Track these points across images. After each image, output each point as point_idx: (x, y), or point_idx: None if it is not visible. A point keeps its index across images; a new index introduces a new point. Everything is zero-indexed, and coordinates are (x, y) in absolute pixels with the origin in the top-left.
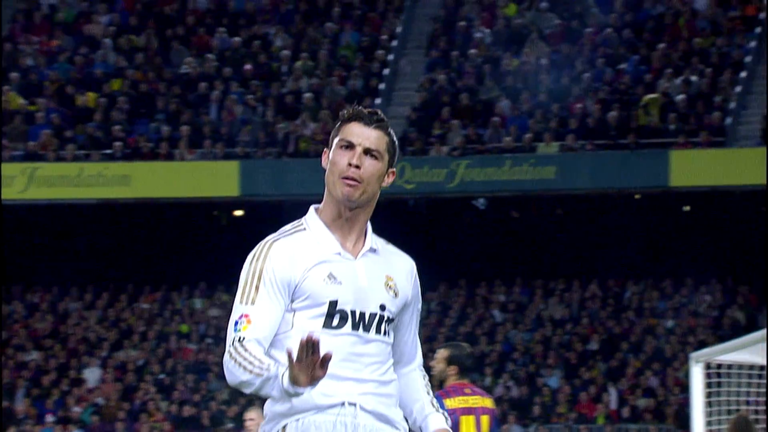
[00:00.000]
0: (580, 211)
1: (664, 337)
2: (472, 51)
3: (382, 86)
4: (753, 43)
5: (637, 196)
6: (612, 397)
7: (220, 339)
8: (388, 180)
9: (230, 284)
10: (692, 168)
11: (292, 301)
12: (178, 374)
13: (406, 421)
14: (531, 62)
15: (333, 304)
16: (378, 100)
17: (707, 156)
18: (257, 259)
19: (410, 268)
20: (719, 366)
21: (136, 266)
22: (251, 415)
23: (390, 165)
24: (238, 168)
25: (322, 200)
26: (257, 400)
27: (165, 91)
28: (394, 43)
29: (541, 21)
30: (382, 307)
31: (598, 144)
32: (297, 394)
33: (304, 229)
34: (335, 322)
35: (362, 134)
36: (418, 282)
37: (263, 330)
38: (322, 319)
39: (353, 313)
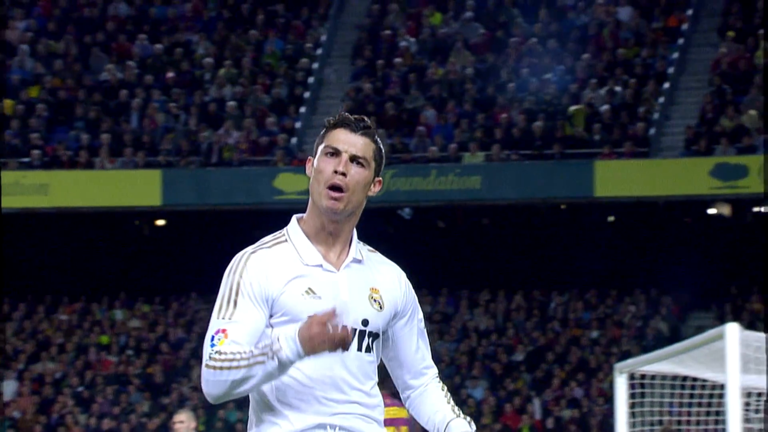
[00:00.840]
0: (506, 222)
1: (588, 347)
2: (398, 60)
3: (306, 95)
4: (676, 54)
5: (562, 207)
6: (536, 408)
7: (141, 350)
8: (375, 189)
9: (151, 295)
10: (616, 178)
11: (271, 316)
12: (98, 387)
13: None
14: (456, 71)
15: None
16: (303, 109)
17: (631, 166)
18: (234, 272)
19: (398, 277)
20: (643, 376)
21: (55, 276)
22: (181, 417)
23: (377, 173)
24: (160, 177)
25: (255, 211)
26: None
27: (85, 99)
28: (319, 51)
29: (467, 30)
30: (365, 322)
31: (524, 154)
32: (299, 360)
33: (285, 240)
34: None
35: (348, 141)
36: (412, 290)
37: (242, 341)
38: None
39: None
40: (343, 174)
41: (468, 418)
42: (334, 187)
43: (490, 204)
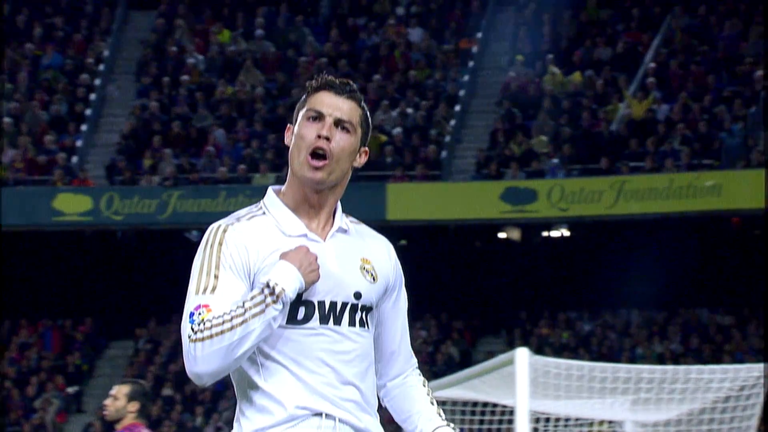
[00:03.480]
0: None
1: None
2: (185, 77)
3: (88, 112)
4: (467, 77)
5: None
6: None
7: None
8: (361, 160)
9: None
10: (408, 201)
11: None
12: None
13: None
14: (246, 90)
15: (297, 296)
16: (84, 127)
17: (423, 189)
18: (210, 246)
19: (388, 249)
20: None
21: None
22: (114, 391)
23: (363, 143)
24: None
25: (32, 233)
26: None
27: None
28: (102, 67)
29: (256, 48)
30: (357, 295)
31: None
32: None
33: (263, 213)
34: (300, 315)
35: (333, 104)
36: (399, 265)
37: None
38: (285, 314)
39: (321, 304)
40: (327, 139)
41: (452, 424)
42: (317, 153)
43: None
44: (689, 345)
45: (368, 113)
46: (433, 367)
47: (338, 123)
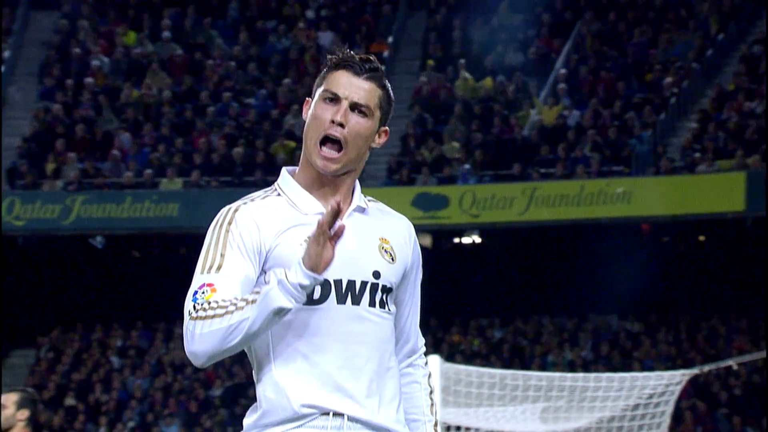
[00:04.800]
0: None
1: None
2: (89, 80)
3: None
4: None
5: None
6: None
7: None
8: (380, 140)
9: None
10: None
11: (266, 273)
12: None
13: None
14: (153, 94)
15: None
16: None
17: None
18: (220, 225)
19: (407, 229)
20: None
21: None
22: (12, 398)
23: (383, 122)
24: None
25: None
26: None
27: None
28: (2, 68)
29: (163, 51)
30: (376, 274)
31: (224, 181)
32: (307, 288)
33: (278, 194)
34: (316, 295)
35: (351, 85)
36: (418, 246)
37: (232, 294)
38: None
39: (338, 282)
40: (341, 125)
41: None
42: (329, 139)
43: (189, 232)
44: (599, 352)
45: (390, 91)
46: None
47: (354, 107)
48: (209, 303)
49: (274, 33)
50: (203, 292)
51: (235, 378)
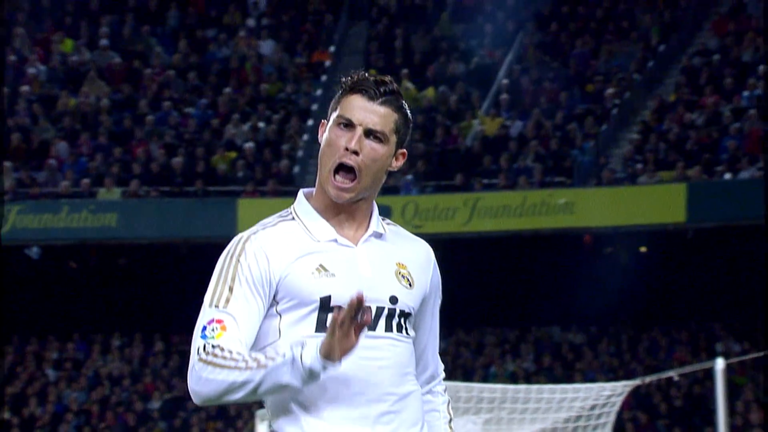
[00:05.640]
0: (144, 262)
1: None
2: (25, 88)
3: None
4: (319, 91)
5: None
6: None
7: None
8: (397, 163)
9: None
10: (259, 217)
11: (277, 303)
12: None
13: None
14: (90, 102)
15: (325, 301)
16: None
17: (275, 205)
18: (231, 256)
19: (427, 254)
20: None
21: None
22: None
23: (400, 145)
24: None
25: None
26: None
27: None
28: None
29: (101, 59)
30: (393, 300)
31: (164, 191)
32: (319, 375)
33: (292, 218)
34: (330, 322)
35: (365, 111)
36: (438, 271)
37: (240, 340)
38: (314, 321)
39: None
40: (356, 152)
41: None
42: (343, 167)
43: (127, 243)
44: (542, 363)
45: (407, 111)
46: None
47: (369, 133)
48: (220, 349)
49: (215, 41)
50: (213, 329)
51: (174, 390)
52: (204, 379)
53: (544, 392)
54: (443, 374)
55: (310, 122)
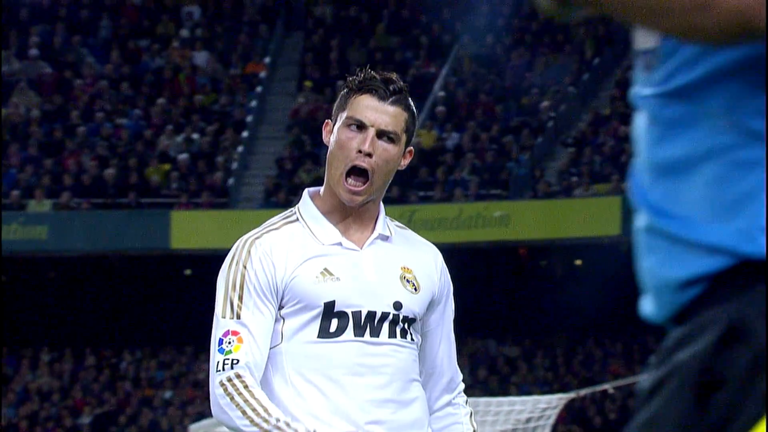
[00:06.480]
0: (75, 275)
1: (161, 408)
2: None
3: None
4: (254, 103)
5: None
6: None
7: None
8: (404, 162)
9: None
10: (194, 229)
11: (282, 307)
12: None
13: None
14: (20, 113)
15: (329, 306)
16: None
17: (209, 217)
18: (236, 263)
19: (434, 258)
20: None
21: None
22: None
23: (408, 144)
24: None
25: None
26: None
27: None
28: None
29: (31, 69)
30: (397, 305)
31: (96, 203)
32: None
33: (296, 219)
34: (333, 328)
35: (376, 112)
36: (448, 274)
37: (258, 351)
38: (317, 327)
39: (356, 314)
40: (369, 155)
41: None
42: (357, 170)
43: (58, 255)
44: (477, 377)
45: (414, 109)
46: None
47: (382, 134)
48: (243, 384)
49: (148, 52)
50: (229, 342)
51: (105, 405)
52: (218, 406)
53: (479, 405)
54: (462, 384)
55: (245, 134)
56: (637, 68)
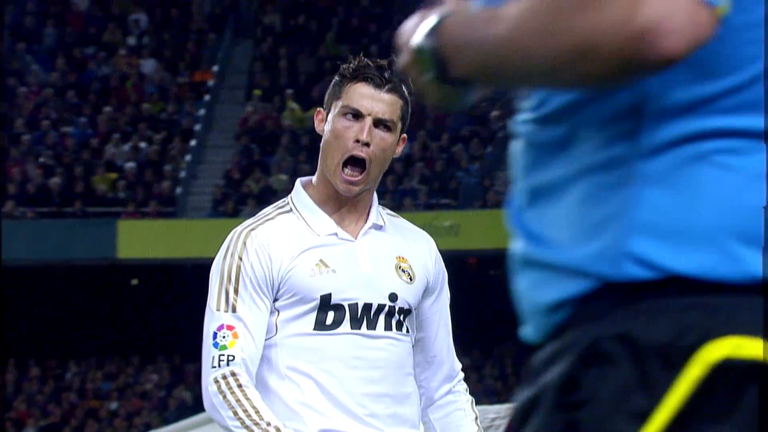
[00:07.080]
0: (19, 285)
1: (107, 420)
2: None
3: None
4: (202, 111)
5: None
6: None
7: None
8: (398, 149)
9: None
10: (141, 239)
11: (276, 299)
12: None
13: None
14: None
15: (326, 299)
16: None
17: (157, 227)
18: (231, 254)
19: (428, 246)
20: None
21: None
22: None
23: (402, 131)
24: None
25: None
26: None
27: None
28: None
29: None
30: (393, 297)
31: (41, 212)
32: None
33: (290, 210)
34: (329, 320)
35: (373, 100)
36: (442, 262)
37: (253, 347)
38: (313, 319)
39: (352, 307)
40: (366, 144)
41: None
42: (354, 160)
43: (2, 265)
44: None
45: (408, 97)
46: (165, 412)
47: (379, 123)
48: (237, 384)
49: (94, 59)
50: (224, 337)
51: (50, 417)
52: (211, 403)
53: None
54: (462, 373)
55: (193, 142)
56: (518, 97)
